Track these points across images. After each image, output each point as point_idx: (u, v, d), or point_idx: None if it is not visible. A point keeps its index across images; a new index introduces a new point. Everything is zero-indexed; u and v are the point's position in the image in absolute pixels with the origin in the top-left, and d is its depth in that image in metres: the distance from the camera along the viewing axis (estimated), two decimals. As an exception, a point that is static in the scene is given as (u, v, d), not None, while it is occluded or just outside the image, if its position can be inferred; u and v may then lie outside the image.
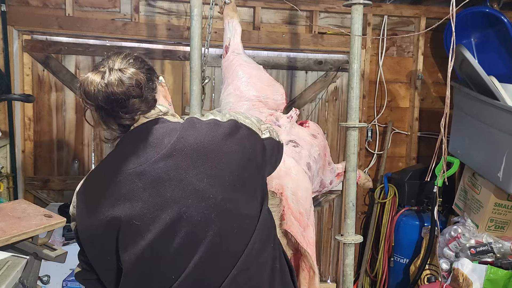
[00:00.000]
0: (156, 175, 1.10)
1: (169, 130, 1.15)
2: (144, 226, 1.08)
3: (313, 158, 1.93)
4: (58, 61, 3.14)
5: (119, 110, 1.13)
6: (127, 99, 1.11)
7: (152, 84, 1.22)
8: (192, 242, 1.09)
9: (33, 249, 1.69)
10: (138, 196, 1.09)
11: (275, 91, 2.03)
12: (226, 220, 1.11)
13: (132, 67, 1.16)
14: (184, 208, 1.08)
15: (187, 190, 1.09)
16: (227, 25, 2.22)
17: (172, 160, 1.11)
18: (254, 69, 2.07)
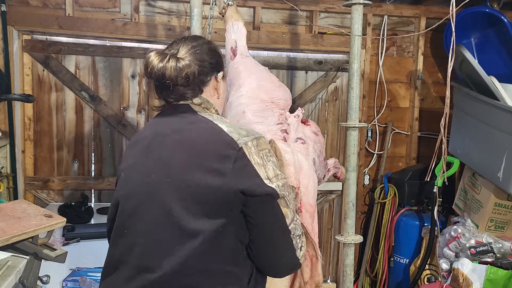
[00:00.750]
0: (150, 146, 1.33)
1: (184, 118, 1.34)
2: (124, 179, 1.35)
3: (317, 154, 2.05)
4: (58, 61, 3.14)
5: (166, 91, 1.35)
6: (174, 85, 1.32)
7: (206, 77, 1.38)
8: (138, 207, 1.27)
9: (33, 249, 1.68)
10: (134, 155, 1.36)
11: (285, 92, 2.10)
12: (174, 195, 1.23)
13: (190, 58, 1.34)
14: (151, 176, 1.28)
15: (159, 164, 1.28)
16: (231, 27, 2.22)
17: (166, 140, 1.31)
18: (264, 72, 2.13)
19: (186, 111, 1.36)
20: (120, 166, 1.40)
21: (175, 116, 1.36)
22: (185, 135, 1.30)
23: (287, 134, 1.99)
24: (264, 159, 1.28)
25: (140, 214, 1.27)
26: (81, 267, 2.50)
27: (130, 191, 1.31)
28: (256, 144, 1.29)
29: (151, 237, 1.24)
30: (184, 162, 1.25)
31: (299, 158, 1.92)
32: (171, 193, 1.24)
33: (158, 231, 1.23)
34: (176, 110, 1.37)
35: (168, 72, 1.30)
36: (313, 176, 1.96)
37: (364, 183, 3.61)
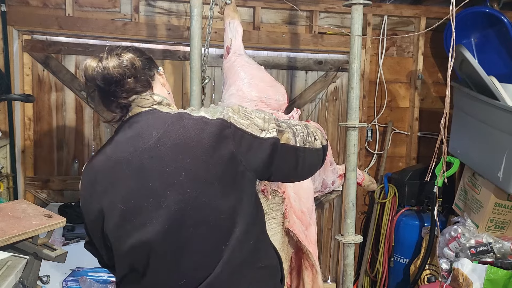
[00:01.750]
0: (141, 165, 1.19)
1: (158, 123, 1.23)
2: (128, 211, 1.19)
3: None
4: (58, 61, 3.14)
5: (116, 89, 1.25)
6: (123, 78, 1.24)
7: (149, 71, 1.33)
8: (168, 231, 1.17)
9: (33, 249, 1.68)
10: (124, 183, 1.20)
11: (277, 91, 2.04)
12: (201, 214, 1.18)
13: (129, 53, 1.29)
14: (163, 199, 1.17)
15: (167, 182, 1.17)
16: (228, 25, 2.22)
17: (156, 152, 1.19)
18: (256, 70, 2.08)
19: (154, 113, 1.27)
20: (105, 200, 1.22)
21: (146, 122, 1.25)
22: (175, 139, 1.20)
23: None
24: (247, 116, 1.27)
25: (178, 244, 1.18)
26: (81, 267, 2.50)
27: (150, 229, 1.17)
28: (232, 110, 1.26)
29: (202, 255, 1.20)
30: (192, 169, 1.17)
31: None
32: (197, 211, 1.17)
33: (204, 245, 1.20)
34: (142, 116, 1.27)
35: (112, 66, 1.24)
36: (306, 181, 1.85)
37: (364, 183, 3.61)
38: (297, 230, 1.74)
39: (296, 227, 1.73)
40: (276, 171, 1.29)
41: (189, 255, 1.18)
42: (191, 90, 2.21)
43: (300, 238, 1.74)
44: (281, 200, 1.74)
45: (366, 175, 2.57)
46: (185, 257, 1.19)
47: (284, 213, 1.74)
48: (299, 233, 1.74)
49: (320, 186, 2.15)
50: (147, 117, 1.26)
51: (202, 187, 1.17)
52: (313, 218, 1.85)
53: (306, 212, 1.80)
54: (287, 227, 1.73)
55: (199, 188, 1.17)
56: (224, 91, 2.04)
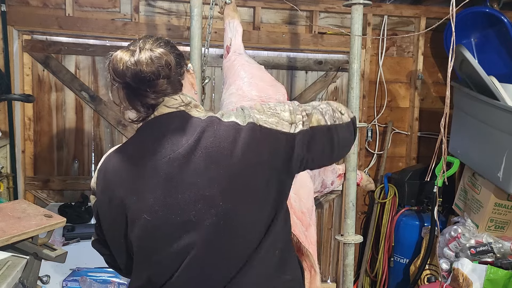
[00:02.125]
0: (170, 174, 1.10)
1: (188, 128, 1.14)
2: (155, 222, 1.11)
3: None
4: (58, 61, 3.14)
5: (146, 89, 1.13)
6: (156, 78, 1.13)
7: (181, 69, 1.21)
8: (200, 245, 1.11)
9: (33, 249, 1.68)
10: (151, 191, 1.11)
11: (277, 91, 2.04)
12: (234, 229, 1.11)
13: (163, 48, 1.16)
14: (193, 212, 1.09)
15: (198, 194, 1.09)
16: (227, 25, 2.22)
17: (187, 161, 1.10)
18: (256, 69, 2.08)
19: (183, 116, 1.17)
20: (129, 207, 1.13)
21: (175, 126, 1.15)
22: (207, 147, 1.11)
23: None
24: (274, 113, 1.19)
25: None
26: (81, 267, 2.50)
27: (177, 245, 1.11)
28: (257, 111, 1.18)
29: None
30: (225, 180, 1.10)
31: None
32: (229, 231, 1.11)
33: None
34: (170, 118, 1.17)
35: (145, 65, 1.11)
36: (306, 181, 1.85)
37: (364, 183, 3.61)
38: (297, 231, 1.71)
39: (296, 228, 1.71)
40: (315, 157, 1.23)
41: (218, 269, 1.13)
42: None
43: (300, 239, 1.72)
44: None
45: (364, 175, 2.57)
46: (216, 269, 1.13)
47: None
48: (299, 234, 1.72)
49: (320, 186, 2.14)
50: (175, 120, 1.16)
51: (235, 199, 1.11)
52: (313, 219, 1.83)
53: (306, 212, 1.79)
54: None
55: (233, 201, 1.10)
56: (224, 90, 2.04)
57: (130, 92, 1.16)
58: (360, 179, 2.47)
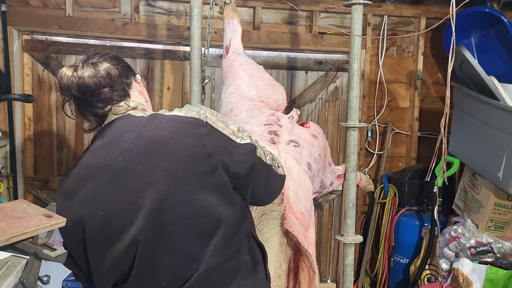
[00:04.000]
0: (116, 169, 1.18)
1: (132, 126, 1.23)
2: (109, 217, 1.18)
3: (313, 158, 1.95)
4: (58, 61, 3.14)
5: (92, 99, 1.25)
6: (98, 88, 1.24)
7: (126, 79, 1.33)
8: (148, 230, 1.16)
9: (33, 249, 1.68)
10: (103, 190, 1.19)
11: (276, 91, 2.04)
12: (178, 211, 1.17)
13: (105, 62, 1.28)
14: (141, 199, 1.16)
15: (143, 182, 1.16)
16: (227, 25, 2.22)
17: (130, 154, 1.18)
18: (255, 69, 2.08)
19: (128, 118, 1.26)
20: (85, 210, 1.20)
21: (120, 127, 1.24)
22: (148, 138, 1.19)
23: (276, 136, 1.88)
24: (224, 121, 1.29)
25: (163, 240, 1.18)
26: (81, 267, 2.50)
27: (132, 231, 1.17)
28: (210, 112, 1.27)
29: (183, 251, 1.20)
30: (167, 166, 1.17)
31: (287, 161, 1.80)
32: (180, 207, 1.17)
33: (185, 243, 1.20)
34: (116, 122, 1.26)
35: (87, 76, 1.23)
36: (306, 181, 1.84)
37: (364, 183, 3.61)
38: (296, 231, 1.71)
39: (295, 228, 1.71)
40: (255, 186, 1.30)
41: (170, 253, 1.18)
42: (191, 90, 2.21)
43: (300, 239, 1.72)
44: (280, 201, 1.71)
45: (363, 176, 2.57)
46: (165, 256, 1.18)
47: (283, 214, 1.72)
48: (298, 234, 1.72)
49: (319, 187, 2.13)
50: (121, 122, 1.26)
51: (178, 184, 1.16)
52: (312, 219, 1.83)
53: (305, 213, 1.78)
54: (286, 228, 1.71)
55: (175, 185, 1.16)
56: (223, 90, 2.04)
57: (79, 104, 1.28)
58: (359, 180, 2.48)
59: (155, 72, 3.27)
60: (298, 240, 1.72)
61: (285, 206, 1.72)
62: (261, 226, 1.68)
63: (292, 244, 1.80)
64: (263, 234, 1.68)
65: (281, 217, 1.72)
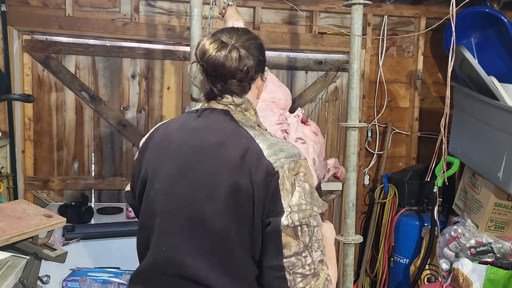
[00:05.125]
0: (186, 159, 1.22)
1: (219, 130, 1.24)
2: (159, 193, 1.24)
3: (317, 154, 2.06)
4: (58, 61, 3.14)
5: (218, 82, 1.24)
6: (230, 77, 1.23)
7: (255, 74, 1.29)
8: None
9: (33, 249, 1.68)
10: (168, 166, 1.25)
11: (285, 92, 2.11)
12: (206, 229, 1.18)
13: (248, 52, 1.24)
14: (190, 197, 1.19)
15: (194, 188, 1.19)
16: None
17: (201, 155, 1.21)
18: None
19: (226, 119, 1.25)
20: (148, 168, 1.28)
21: (212, 122, 1.26)
22: (220, 155, 1.19)
23: (287, 134, 1.99)
24: (295, 184, 1.16)
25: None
26: (81, 267, 2.50)
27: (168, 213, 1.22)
28: (292, 167, 1.16)
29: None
30: (214, 186, 1.17)
31: None
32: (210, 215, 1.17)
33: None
34: (214, 113, 1.27)
35: (229, 63, 1.20)
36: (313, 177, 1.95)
37: (364, 183, 3.61)
38: None
39: None
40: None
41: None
42: (191, 90, 2.21)
43: None
44: None
45: (343, 169, 2.61)
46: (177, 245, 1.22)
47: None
48: None
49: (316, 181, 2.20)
50: (216, 116, 1.26)
51: (209, 207, 1.17)
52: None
53: None
54: None
55: (205, 205, 1.17)
56: None
57: (205, 75, 1.25)
58: (341, 173, 2.53)
59: (155, 72, 3.27)
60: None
61: None
62: None
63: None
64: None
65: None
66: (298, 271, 1.12)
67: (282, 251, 1.12)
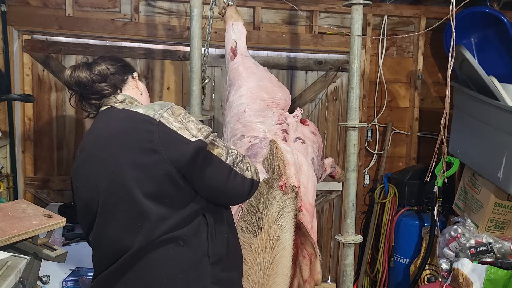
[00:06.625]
0: (89, 152, 1.48)
1: (106, 118, 1.50)
2: (81, 189, 1.49)
3: (315, 154, 2.09)
4: (58, 61, 3.14)
5: (87, 92, 1.53)
6: (91, 83, 1.51)
7: (121, 76, 1.58)
8: (101, 206, 1.42)
9: (33, 249, 1.68)
10: (81, 166, 1.50)
11: (284, 92, 2.12)
12: (120, 194, 1.38)
13: (102, 63, 1.55)
14: (98, 181, 1.42)
15: (100, 165, 1.42)
16: (231, 27, 2.21)
17: (96, 141, 1.47)
18: (263, 71, 2.14)
19: (111, 111, 1.51)
20: (74, 179, 1.52)
21: (102, 118, 1.52)
22: (109, 130, 1.44)
23: (287, 134, 2.00)
24: (183, 121, 1.41)
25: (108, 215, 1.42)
26: (81, 267, 2.50)
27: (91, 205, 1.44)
28: (171, 112, 1.41)
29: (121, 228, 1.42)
30: (117, 155, 1.39)
31: (299, 158, 1.95)
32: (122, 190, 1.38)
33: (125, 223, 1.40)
34: (102, 113, 1.53)
35: (82, 75, 1.51)
36: (312, 175, 1.99)
37: (364, 183, 3.61)
38: (306, 221, 1.87)
39: (305, 219, 1.87)
40: (200, 176, 1.41)
41: (112, 229, 1.41)
42: (191, 90, 2.21)
43: (308, 229, 1.87)
44: (296, 195, 1.87)
45: (339, 168, 2.63)
46: (109, 231, 1.41)
47: (299, 207, 1.87)
48: (307, 225, 1.87)
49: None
50: (104, 113, 1.52)
51: (122, 171, 1.37)
52: (315, 210, 2.00)
53: (312, 204, 1.94)
54: (299, 220, 1.87)
55: (119, 171, 1.37)
56: (232, 91, 2.07)
57: (79, 96, 1.57)
58: (336, 172, 2.55)
59: (155, 72, 3.28)
60: (307, 229, 1.86)
61: (301, 199, 1.87)
62: (281, 219, 1.84)
63: (301, 234, 1.95)
64: (283, 227, 1.84)
65: (295, 210, 1.88)
66: (237, 161, 1.49)
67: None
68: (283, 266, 1.83)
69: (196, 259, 1.41)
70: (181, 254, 1.39)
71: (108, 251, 1.44)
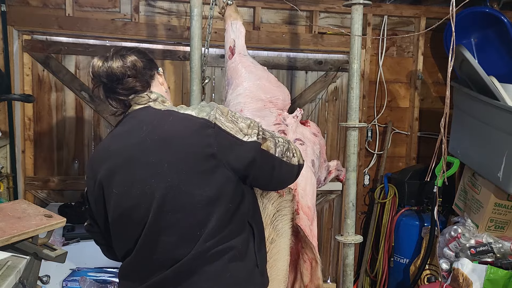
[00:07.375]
0: (130, 156, 1.36)
1: (149, 118, 1.40)
2: (120, 196, 1.36)
3: (316, 155, 2.04)
4: (58, 61, 3.14)
5: (117, 86, 1.42)
6: (124, 77, 1.41)
7: (150, 71, 1.49)
8: (153, 215, 1.33)
9: (33, 249, 1.69)
10: (117, 171, 1.37)
11: (283, 92, 2.10)
12: (178, 201, 1.32)
13: (132, 55, 1.45)
14: (147, 187, 1.33)
15: (152, 172, 1.33)
16: (230, 26, 2.21)
17: (144, 145, 1.35)
18: (261, 71, 2.12)
19: (148, 111, 1.43)
20: (105, 188, 1.39)
21: (140, 118, 1.42)
22: (159, 134, 1.35)
23: (285, 134, 1.98)
24: (233, 120, 1.39)
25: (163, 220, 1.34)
26: (81, 267, 2.50)
27: (137, 213, 1.35)
28: (220, 112, 1.38)
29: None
30: (174, 161, 1.32)
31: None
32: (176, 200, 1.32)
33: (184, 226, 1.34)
34: (138, 112, 1.44)
35: (115, 66, 1.41)
36: (311, 178, 1.95)
37: (364, 183, 3.61)
38: (303, 225, 1.83)
39: (303, 222, 1.83)
40: (255, 175, 1.42)
41: (167, 237, 1.33)
42: (191, 90, 2.21)
43: (306, 232, 1.82)
44: (292, 197, 1.83)
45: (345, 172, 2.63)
46: (163, 239, 1.33)
47: (295, 210, 1.83)
48: (305, 228, 1.82)
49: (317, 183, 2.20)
50: (141, 113, 1.42)
51: (181, 178, 1.32)
52: (315, 214, 1.95)
53: (311, 207, 1.90)
54: (296, 223, 1.83)
55: (178, 178, 1.31)
56: (229, 90, 2.06)
57: (107, 90, 1.45)
58: (343, 176, 2.53)
59: (155, 72, 3.27)
60: (305, 233, 1.82)
61: (298, 202, 1.83)
62: (276, 222, 1.79)
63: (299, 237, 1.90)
64: (278, 230, 1.78)
65: (292, 213, 1.83)
66: (284, 149, 1.48)
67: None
68: (278, 270, 1.76)
69: (249, 270, 1.40)
70: (237, 266, 1.37)
71: (159, 258, 1.35)
